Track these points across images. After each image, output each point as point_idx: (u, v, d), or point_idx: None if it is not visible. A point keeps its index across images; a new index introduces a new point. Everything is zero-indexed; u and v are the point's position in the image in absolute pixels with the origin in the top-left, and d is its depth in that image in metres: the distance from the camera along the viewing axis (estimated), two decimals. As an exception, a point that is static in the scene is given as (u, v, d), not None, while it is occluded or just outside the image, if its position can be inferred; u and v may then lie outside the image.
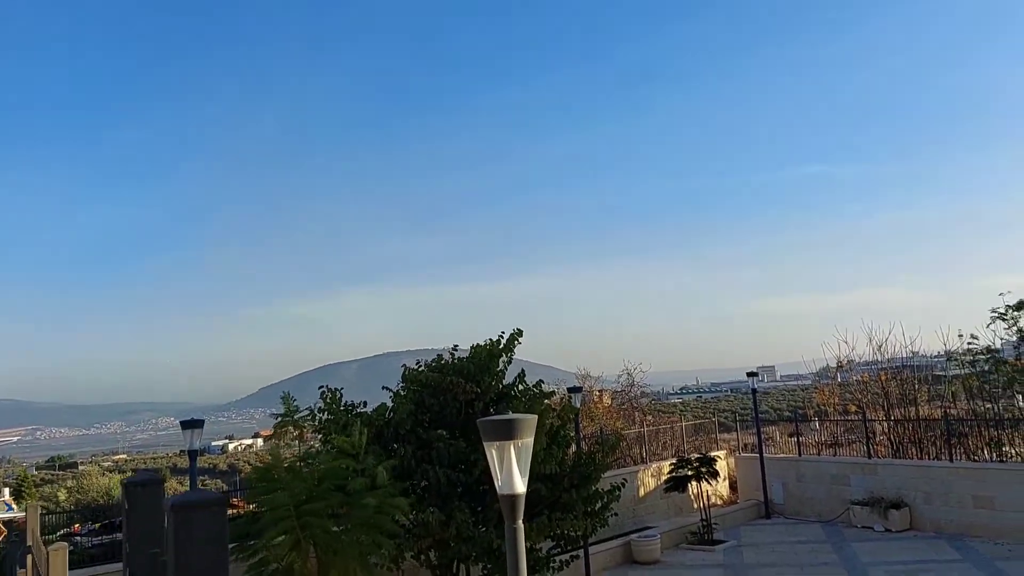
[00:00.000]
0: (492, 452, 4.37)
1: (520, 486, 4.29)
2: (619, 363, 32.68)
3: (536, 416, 4.46)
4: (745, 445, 23.68)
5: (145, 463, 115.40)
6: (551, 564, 13.00)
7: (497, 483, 4.33)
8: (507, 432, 4.28)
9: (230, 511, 21.87)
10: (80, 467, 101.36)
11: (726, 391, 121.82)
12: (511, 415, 4.36)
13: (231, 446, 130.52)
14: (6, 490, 51.53)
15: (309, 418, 12.18)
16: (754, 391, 21.89)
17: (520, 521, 4.34)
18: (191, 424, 11.88)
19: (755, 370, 22.29)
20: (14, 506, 41.52)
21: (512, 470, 4.29)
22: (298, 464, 9.97)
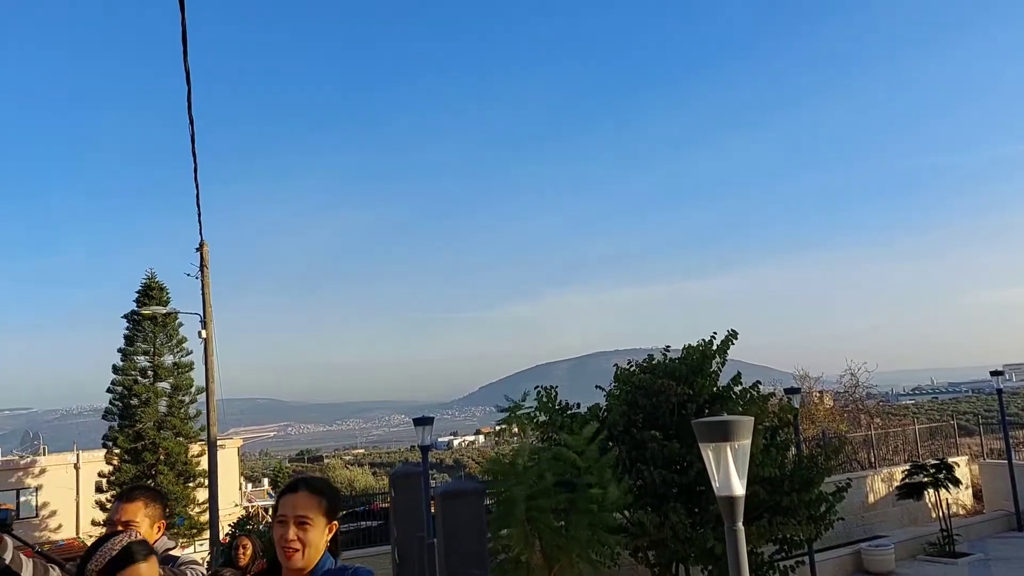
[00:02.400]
0: (708, 453, 4.57)
1: (739, 488, 4.45)
2: (841, 363, 30.93)
3: (751, 418, 4.59)
4: (990, 451, 21.62)
5: (380, 457, 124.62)
6: (775, 569, 12.75)
7: (715, 484, 4.52)
8: (723, 434, 4.46)
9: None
10: (325, 460, 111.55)
11: (966, 391, 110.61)
12: (726, 417, 4.52)
13: (455, 442, 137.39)
14: (265, 480, 58.08)
15: (528, 418, 12.84)
16: (999, 391, 19.88)
17: (740, 523, 4.49)
18: (423, 421, 12.93)
19: (1001, 368, 20.28)
20: (273, 494, 46.69)
21: (730, 472, 4.46)
22: (526, 461, 10.57)
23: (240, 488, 36.19)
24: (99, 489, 24.54)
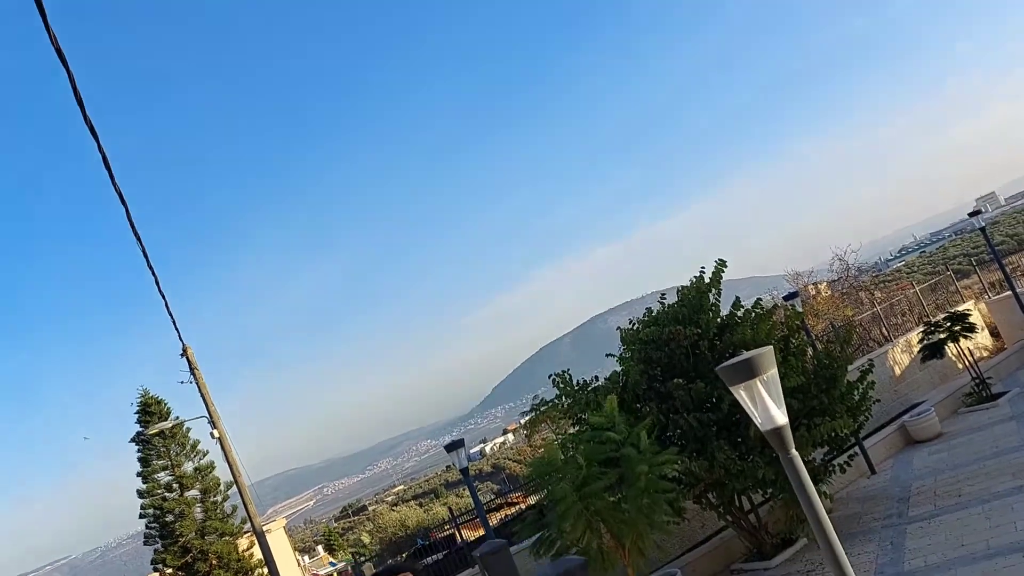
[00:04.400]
0: (741, 394, 4.58)
1: (781, 417, 4.47)
2: (826, 251, 31.23)
3: (770, 347, 4.60)
4: (991, 285, 21.94)
5: (420, 487, 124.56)
6: (831, 470, 12.89)
7: (757, 421, 4.54)
8: (749, 371, 4.47)
9: (511, 508, 23.34)
10: (369, 508, 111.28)
11: (950, 236, 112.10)
12: (746, 354, 4.53)
13: (487, 448, 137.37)
14: (319, 547, 57.81)
15: (553, 408, 12.87)
16: (983, 230, 20.13)
17: (793, 450, 4.52)
18: (454, 446, 12.89)
19: (974, 206, 20.55)
20: (334, 560, 46.49)
21: (767, 405, 4.48)
22: (564, 451, 10.58)
23: (299, 564, 36.02)
24: (164, 613, 24.34)
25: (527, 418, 12.21)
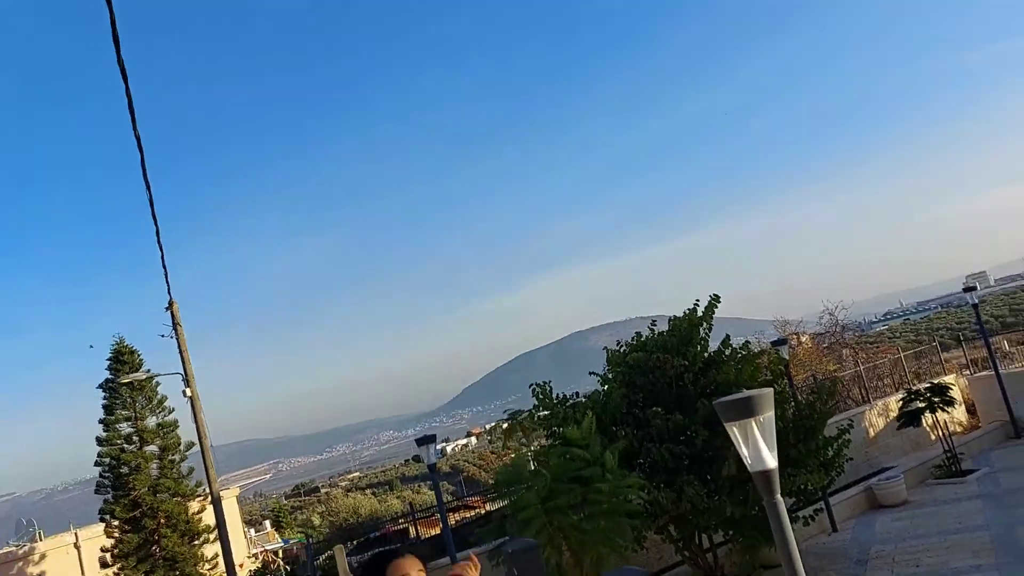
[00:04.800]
0: (735, 431, 4.53)
1: (771, 460, 4.42)
2: (815, 303, 31.41)
3: (770, 390, 4.57)
4: (973, 361, 22.08)
5: (376, 477, 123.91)
6: (794, 520, 12.88)
7: (747, 462, 4.49)
8: (747, 410, 4.42)
9: (470, 511, 23.23)
10: (321, 491, 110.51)
11: (935, 308, 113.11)
12: (747, 392, 4.49)
13: (448, 448, 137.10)
14: (267, 522, 57.31)
15: (529, 418, 12.79)
16: (976, 306, 20.27)
17: (779, 495, 4.47)
18: (425, 440, 12.80)
19: (967, 282, 20.72)
20: (283, 538, 46.09)
21: (759, 446, 4.43)
22: (532, 461, 10.53)
23: (245, 536, 35.66)
24: (104, 564, 23.97)
25: (504, 425, 12.11)
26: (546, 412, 13.01)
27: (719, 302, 13.16)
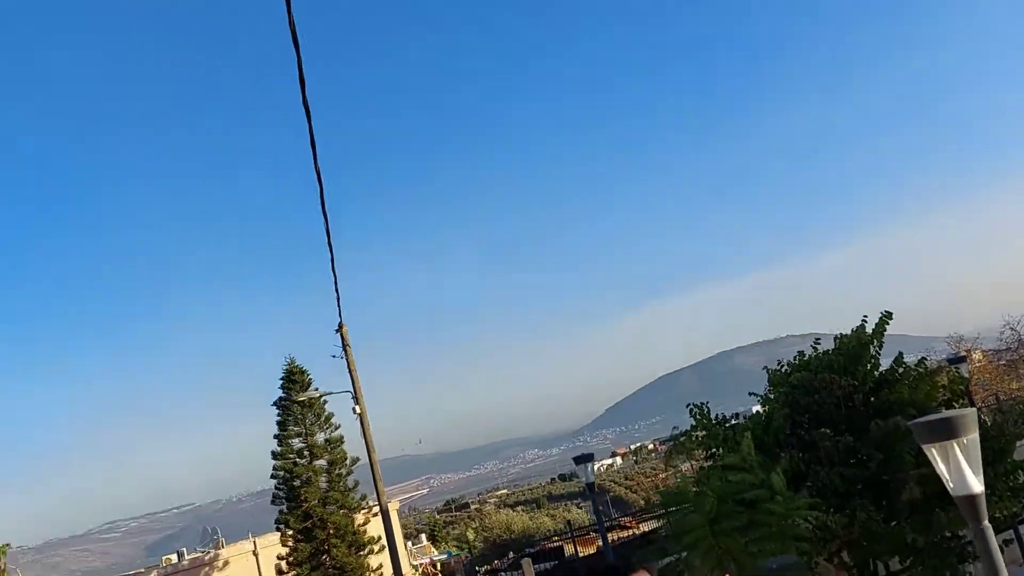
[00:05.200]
0: (934, 453, 4.39)
1: (976, 485, 4.26)
2: (989, 317, 29.13)
3: (974, 410, 4.40)
4: None
5: (523, 495, 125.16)
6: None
7: (949, 486, 4.34)
8: (947, 431, 4.28)
9: (624, 531, 23.17)
10: (472, 507, 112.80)
11: None
12: (947, 412, 4.35)
13: (589, 468, 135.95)
14: (423, 536, 59.17)
15: (687, 439, 12.67)
16: None
17: (985, 521, 4.29)
18: (584, 459, 12.94)
19: None
20: (441, 551, 47.39)
21: (963, 469, 4.27)
22: (694, 484, 10.42)
23: (405, 549, 37.01)
24: (279, 572, 25.63)
25: (667, 446, 12.07)
26: (703, 432, 12.86)
27: (891, 319, 12.57)
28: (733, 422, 13.01)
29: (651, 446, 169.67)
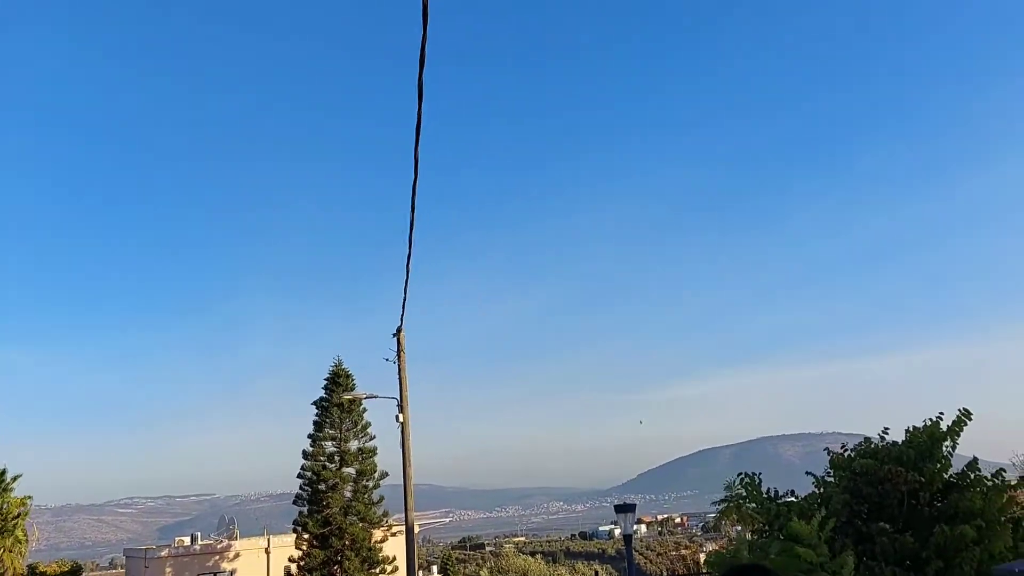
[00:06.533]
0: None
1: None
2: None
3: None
4: None
5: (541, 546, 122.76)
6: None
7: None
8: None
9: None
10: (487, 548, 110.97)
11: None
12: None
13: (617, 531, 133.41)
14: (433, 567, 58.27)
15: (738, 506, 12.06)
16: None
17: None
18: (625, 508, 12.39)
19: None
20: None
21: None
22: (751, 556, 9.85)
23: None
24: (288, 574, 25.32)
25: (721, 506, 11.49)
26: (753, 504, 12.27)
27: (969, 418, 11.82)
28: (787, 499, 12.39)
29: (678, 519, 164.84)
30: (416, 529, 35.78)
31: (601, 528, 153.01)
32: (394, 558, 22.21)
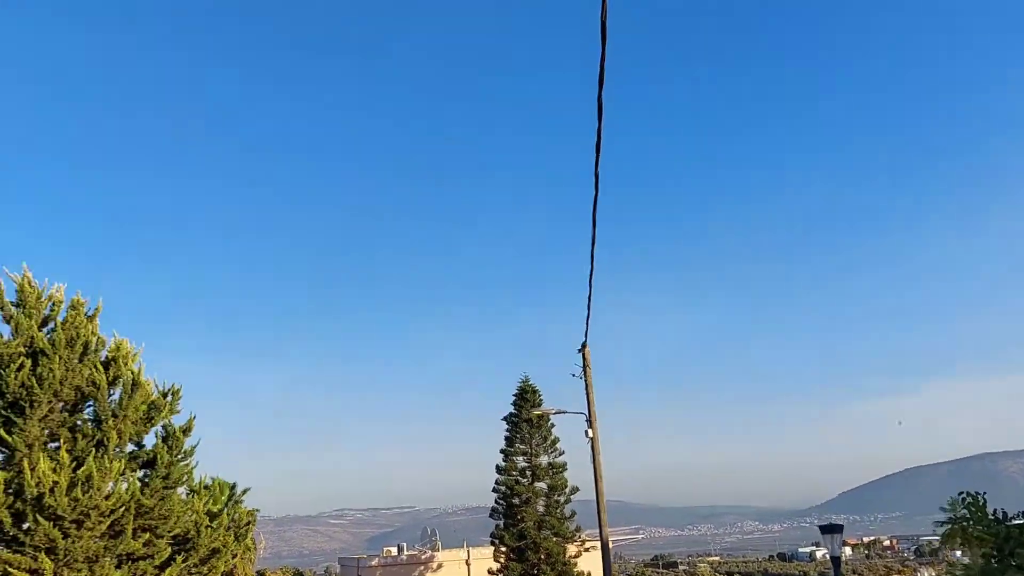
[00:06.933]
0: None
1: None
2: None
3: None
4: None
5: (736, 566, 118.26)
6: None
7: None
8: None
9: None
10: (680, 567, 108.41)
11: None
12: None
13: (819, 553, 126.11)
14: (627, 584, 57.64)
15: (962, 529, 11.06)
16: None
17: None
18: (831, 529, 11.77)
19: None
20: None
21: None
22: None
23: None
24: (488, 585, 26.10)
25: (945, 528, 10.62)
26: (980, 527, 11.19)
27: None
28: (1018, 521, 11.19)
29: (887, 542, 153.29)
30: (610, 545, 35.72)
31: (801, 549, 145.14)
32: (589, 574, 22.27)
